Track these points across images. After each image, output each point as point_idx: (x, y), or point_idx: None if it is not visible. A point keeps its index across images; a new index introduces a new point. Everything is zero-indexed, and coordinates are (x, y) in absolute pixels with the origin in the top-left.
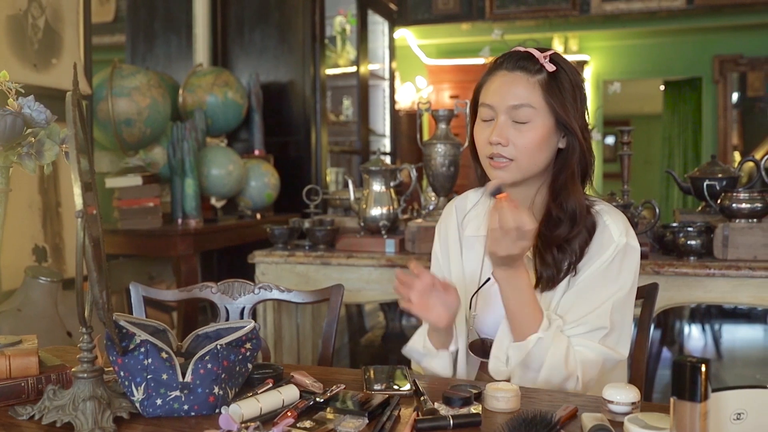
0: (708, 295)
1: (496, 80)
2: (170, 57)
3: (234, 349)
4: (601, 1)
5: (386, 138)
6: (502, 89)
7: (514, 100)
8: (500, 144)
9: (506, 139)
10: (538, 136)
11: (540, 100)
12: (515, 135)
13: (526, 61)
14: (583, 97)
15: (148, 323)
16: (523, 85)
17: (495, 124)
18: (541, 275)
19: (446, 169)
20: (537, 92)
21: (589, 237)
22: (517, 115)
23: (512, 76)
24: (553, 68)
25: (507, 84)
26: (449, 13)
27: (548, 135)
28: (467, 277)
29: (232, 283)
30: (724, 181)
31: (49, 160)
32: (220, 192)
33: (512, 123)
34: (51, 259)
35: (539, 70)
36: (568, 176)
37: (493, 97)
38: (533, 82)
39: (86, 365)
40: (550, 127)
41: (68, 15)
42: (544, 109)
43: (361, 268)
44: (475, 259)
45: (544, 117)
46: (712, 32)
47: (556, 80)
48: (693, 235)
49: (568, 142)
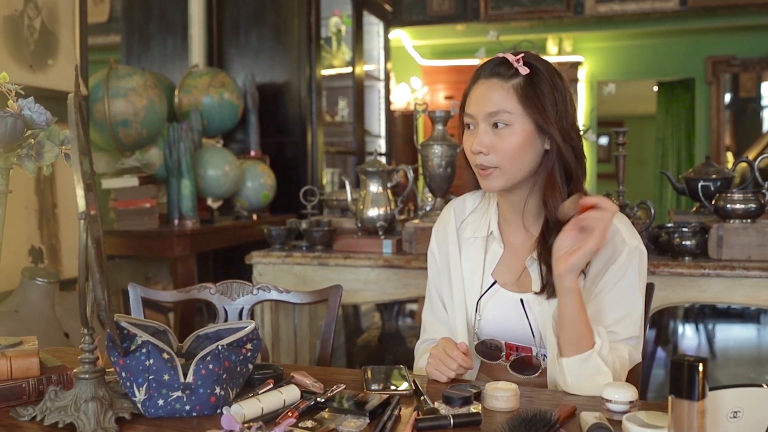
0: (703, 295)
1: (476, 89)
2: (166, 57)
3: (235, 349)
4: (596, 3)
5: (381, 139)
6: (480, 98)
7: (491, 107)
8: (482, 153)
9: (486, 147)
10: (518, 141)
11: (515, 104)
12: (496, 141)
13: (501, 66)
14: (564, 97)
15: (149, 324)
16: (498, 91)
17: (476, 132)
18: (547, 281)
19: (443, 170)
20: (512, 97)
21: None
22: (494, 121)
23: (489, 84)
24: (526, 71)
25: (484, 92)
26: (444, 14)
27: (529, 139)
28: (467, 279)
29: (231, 283)
30: (719, 182)
31: (49, 161)
32: (216, 193)
33: (492, 130)
34: (47, 260)
35: (514, 74)
36: (547, 178)
37: (473, 106)
38: (507, 88)
39: (88, 366)
40: (530, 130)
41: (64, 16)
42: (520, 113)
43: (358, 269)
44: (474, 260)
45: (522, 121)
46: (705, 33)
47: (532, 83)
48: (688, 236)
49: (551, 144)
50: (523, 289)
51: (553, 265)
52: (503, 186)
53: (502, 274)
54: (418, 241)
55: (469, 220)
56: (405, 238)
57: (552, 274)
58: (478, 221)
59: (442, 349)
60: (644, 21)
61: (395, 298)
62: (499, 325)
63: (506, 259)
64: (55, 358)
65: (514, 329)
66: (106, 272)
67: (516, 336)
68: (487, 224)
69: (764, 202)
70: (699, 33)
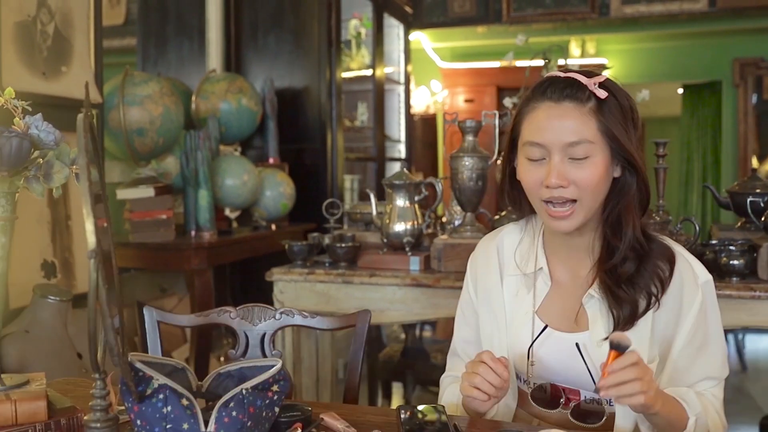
0: (753, 318)
1: (540, 113)
2: (182, 62)
3: (260, 393)
4: (621, 4)
5: (401, 144)
6: (552, 124)
7: (569, 136)
8: (561, 186)
9: (567, 181)
10: (599, 172)
11: (595, 131)
12: (574, 173)
13: (573, 88)
14: (636, 121)
15: (166, 362)
16: (576, 117)
17: (549, 164)
18: (618, 316)
19: (474, 184)
20: (591, 123)
21: (669, 267)
22: (574, 152)
23: (561, 108)
24: (604, 95)
25: (557, 118)
26: (465, 15)
27: (607, 168)
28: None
29: (252, 307)
30: (765, 197)
31: (59, 183)
32: (234, 203)
33: (568, 160)
34: (60, 274)
35: (589, 98)
36: (626, 207)
37: (542, 134)
38: (585, 112)
39: (99, 414)
40: (608, 158)
41: (78, 21)
42: (600, 140)
43: (384, 287)
44: (520, 299)
45: (602, 149)
46: (732, 35)
47: (609, 107)
48: (736, 255)
49: (624, 172)
50: (577, 329)
51: None
52: (581, 223)
53: (552, 314)
54: (447, 259)
55: (515, 255)
56: (434, 255)
57: (620, 306)
58: (525, 257)
59: (479, 360)
60: (671, 22)
61: (423, 319)
62: (552, 370)
63: (554, 298)
64: (64, 392)
65: (568, 373)
66: (120, 303)
67: (569, 380)
68: (534, 259)
69: None
70: (727, 34)
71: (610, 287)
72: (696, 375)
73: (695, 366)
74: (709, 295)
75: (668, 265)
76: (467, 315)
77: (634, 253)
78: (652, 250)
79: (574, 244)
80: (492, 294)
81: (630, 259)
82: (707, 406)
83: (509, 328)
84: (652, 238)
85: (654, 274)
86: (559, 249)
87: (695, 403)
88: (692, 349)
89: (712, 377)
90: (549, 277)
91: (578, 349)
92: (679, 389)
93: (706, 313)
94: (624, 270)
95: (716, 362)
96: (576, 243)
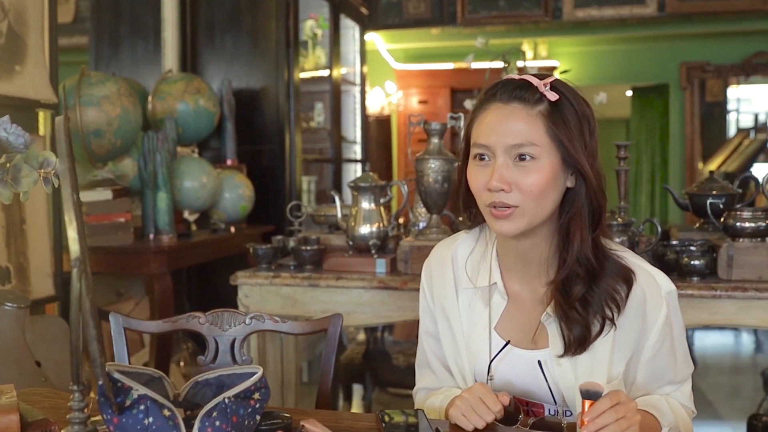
0: (714, 317)
1: (489, 114)
2: (137, 62)
3: (242, 401)
4: (574, 8)
5: (357, 145)
6: (498, 125)
7: (514, 138)
8: (502, 190)
9: (508, 185)
10: (544, 177)
11: (542, 135)
12: (518, 177)
13: (523, 90)
14: (592, 128)
15: (142, 371)
16: (523, 119)
17: (493, 166)
18: (569, 338)
19: (440, 186)
20: (539, 126)
21: (626, 288)
22: (518, 153)
23: (509, 109)
24: (555, 97)
25: (503, 119)
26: (420, 17)
27: (555, 174)
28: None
29: (222, 313)
30: (723, 198)
31: (27, 187)
32: (193, 205)
33: (513, 164)
34: (15, 279)
35: (539, 100)
36: (573, 220)
37: (488, 135)
38: (533, 114)
39: (77, 427)
40: (557, 165)
41: (33, 18)
42: (548, 145)
43: (351, 290)
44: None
45: (549, 154)
46: (679, 39)
47: (560, 110)
48: (696, 255)
49: (576, 181)
50: (535, 347)
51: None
52: (522, 229)
53: (511, 330)
54: (414, 261)
55: (466, 267)
56: (400, 258)
57: (572, 327)
58: (476, 269)
59: (479, 396)
60: (621, 26)
61: (390, 321)
62: (512, 384)
63: (512, 314)
64: (31, 404)
65: (529, 389)
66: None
67: (531, 394)
68: (487, 273)
69: None
70: (674, 39)
71: (563, 306)
72: (663, 380)
73: (663, 372)
74: (673, 303)
75: (624, 285)
76: (427, 324)
77: (584, 269)
78: (605, 269)
79: (528, 258)
80: (447, 306)
81: (580, 275)
82: (676, 409)
83: (468, 342)
84: (608, 256)
85: (608, 296)
86: (513, 263)
87: (668, 413)
88: (659, 360)
89: (677, 381)
90: (505, 293)
91: (540, 367)
92: (650, 398)
93: (671, 323)
94: (575, 290)
95: (681, 365)
96: (530, 257)
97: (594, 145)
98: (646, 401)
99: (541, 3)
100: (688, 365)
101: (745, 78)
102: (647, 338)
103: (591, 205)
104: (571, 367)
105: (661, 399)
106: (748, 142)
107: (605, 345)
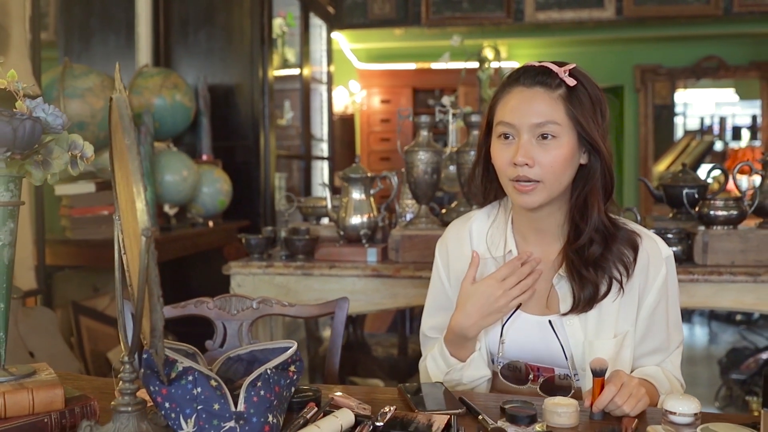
0: (692, 300)
1: (513, 97)
2: (109, 56)
3: (282, 372)
4: (535, 11)
5: (324, 142)
6: (522, 106)
7: (537, 118)
8: (527, 165)
9: (532, 159)
10: (564, 154)
11: (563, 115)
12: (540, 154)
13: (544, 75)
14: (604, 111)
15: (178, 347)
16: (545, 101)
17: (517, 143)
18: (579, 297)
19: (429, 177)
20: (559, 107)
21: (634, 254)
22: (541, 132)
23: (531, 92)
24: (573, 82)
25: (527, 100)
26: (385, 17)
27: (573, 152)
28: None
29: (230, 298)
30: (696, 189)
31: (58, 169)
32: (174, 199)
33: (536, 141)
34: None
35: (559, 85)
36: (591, 191)
37: (512, 114)
38: (555, 97)
39: (128, 398)
40: (574, 143)
41: (15, 9)
42: (567, 124)
43: (344, 279)
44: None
45: (568, 133)
46: (634, 43)
47: (577, 94)
48: (674, 242)
49: (590, 158)
50: (549, 310)
51: None
52: (543, 201)
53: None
54: (405, 250)
55: (486, 238)
56: (392, 247)
57: (583, 287)
58: (494, 240)
59: (494, 280)
60: (579, 29)
61: (383, 308)
62: (523, 348)
63: None
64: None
65: (541, 352)
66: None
67: (542, 358)
68: (503, 243)
69: (744, 209)
70: (630, 42)
71: (576, 267)
72: (655, 341)
73: (654, 333)
74: (671, 267)
75: (632, 252)
76: (440, 302)
77: (600, 235)
78: (618, 235)
79: (542, 228)
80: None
81: (596, 241)
82: (671, 379)
83: None
84: (619, 226)
85: (618, 260)
86: (528, 233)
87: (664, 382)
88: (654, 319)
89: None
90: None
91: (551, 327)
92: (648, 369)
93: (668, 285)
94: (591, 252)
95: (673, 331)
96: (544, 226)
97: (606, 127)
98: (643, 372)
99: (504, 5)
100: (679, 332)
101: (695, 81)
102: (646, 296)
103: (604, 179)
104: (581, 326)
105: (657, 369)
106: (696, 143)
107: (612, 303)
